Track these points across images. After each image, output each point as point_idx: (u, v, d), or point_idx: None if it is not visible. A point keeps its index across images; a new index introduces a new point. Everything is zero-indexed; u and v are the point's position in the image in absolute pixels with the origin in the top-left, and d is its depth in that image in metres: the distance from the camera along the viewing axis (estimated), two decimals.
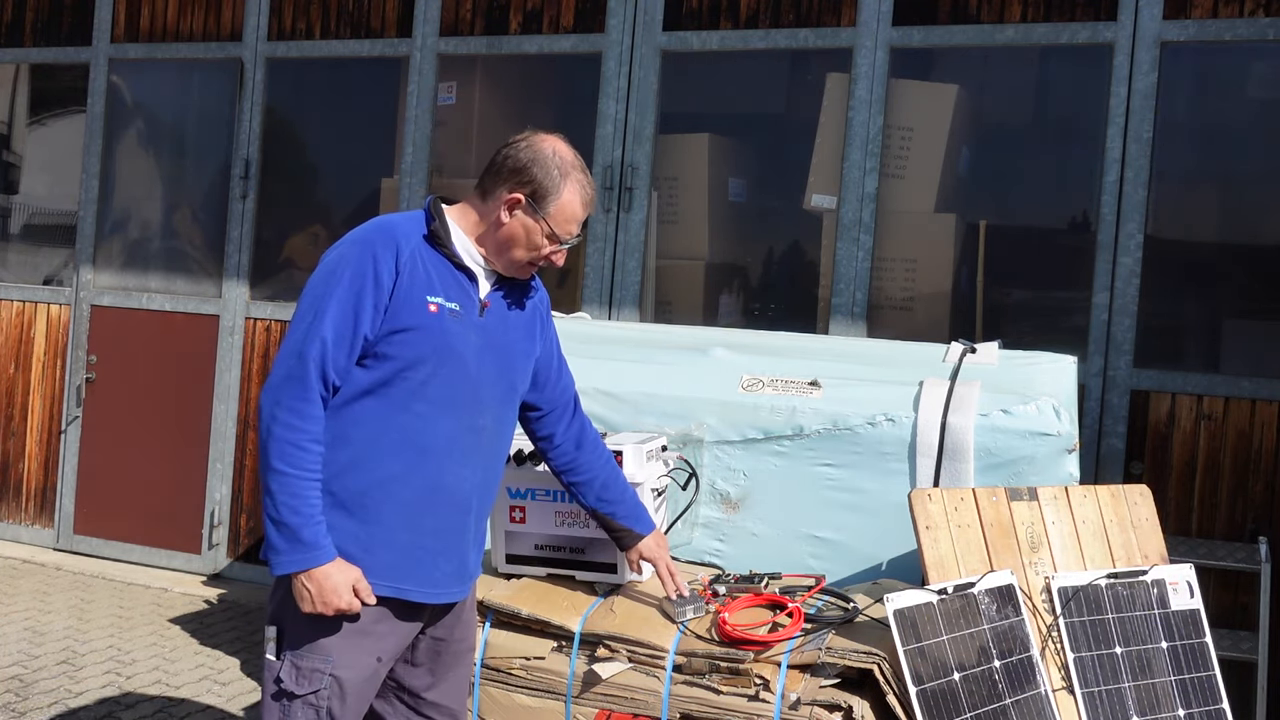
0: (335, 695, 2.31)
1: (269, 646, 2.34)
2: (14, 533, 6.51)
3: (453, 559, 2.43)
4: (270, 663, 2.34)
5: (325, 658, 2.30)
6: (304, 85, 6.14)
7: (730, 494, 3.46)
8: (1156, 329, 4.49)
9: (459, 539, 2.43)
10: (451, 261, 2.39)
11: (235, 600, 5.64)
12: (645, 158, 5.15)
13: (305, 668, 2.30)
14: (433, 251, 2.37)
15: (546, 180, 2.39)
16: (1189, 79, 4.56)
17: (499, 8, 5.49)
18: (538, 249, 2.43)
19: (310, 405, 2.26)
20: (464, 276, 2.41)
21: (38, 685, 4.37)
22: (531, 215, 2.39)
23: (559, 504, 3.18)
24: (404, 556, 2.35)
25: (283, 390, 2.26)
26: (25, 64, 6.72)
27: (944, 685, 2.64)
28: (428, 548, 2.37)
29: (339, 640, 2.31)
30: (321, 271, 2.33)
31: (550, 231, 2.41)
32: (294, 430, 2.24)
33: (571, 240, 2.45)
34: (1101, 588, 2.95)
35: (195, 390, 6.07)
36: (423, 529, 2.36)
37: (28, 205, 6.90)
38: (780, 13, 4.98)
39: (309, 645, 2.30)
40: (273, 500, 2.24)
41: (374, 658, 2.36)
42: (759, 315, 5.26)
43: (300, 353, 2.26)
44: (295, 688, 2.29)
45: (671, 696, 2.80)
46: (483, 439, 2.43)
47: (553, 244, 2.43)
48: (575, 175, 2.42)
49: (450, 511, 2.39)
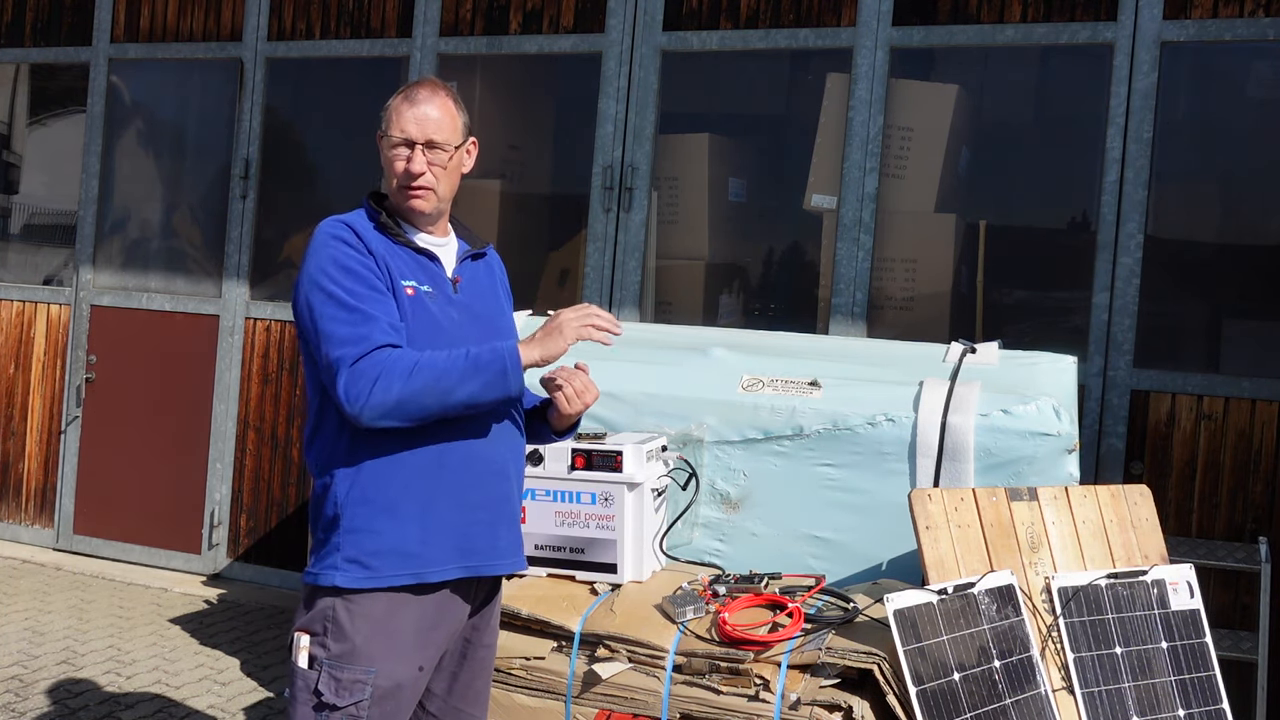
0: (377, 705, 2.25)
1: (300, 655, 2.27)
2: (14, 533, 6.51)
3: (510, 528, 2.41)
4: (302, 672, 2.27)
5: (367, 668, 2.24)
6: (304, 85, 6.14)
7: (730, 494, 3.45)
8: (1156, 329, 4.49)
9: (509, 507, 2.41)
10: (410, 247, 2.37)
11: (235, 600, 5.64)
12: (645, 158, 5.15)
13: (346, 679, 2.24)
14: (389, 242, 2.35)
15: (391, 99, 2.41)
16: (1189, 79, 4.55)
17: (499, 8, 5.49)
18: (391, 166, 2.37)
19: (389, 353, 2.20)
20: (425, 259, 2.39)
21: (38, 685, 4.37)
22: (382, 136, 2.39)
23: (559, 504, 3.18)
24: (463, 537, 2.31)
25: (362, 371, 2.18)
26: (25, 64, 6.72)
27: (944, 685, 2.64)
28: (483, 520, 2.34)
29: (382, 649, 2.25)
30: (309, 281, 2.27)
31: (386, 136, 2.37)
32: (402, 370, 2.18)
33: (401, 137, 2.34)
34: (1101, 588, 2.95)
35: (195, 390, 6.07)
36: (473, 503, 2.33)
37: (28, 205, 6.90)
38: (780, 13, 4.98)
39: (350, 656, 2.24)
40: (471, 379, 2.20)
41: (416, 666, 2.31)
42: (759, 315, 5.26)
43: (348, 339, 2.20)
44: (336, 699, 2.23)
45: (671, 696, 2.79)
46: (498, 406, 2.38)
47: (394, 152, 2.35)
48: (409, 87, 2.39)
49: (493, 481, 2.37)
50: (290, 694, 2.31)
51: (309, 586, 2.31)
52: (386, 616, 2.26)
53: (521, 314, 3.92)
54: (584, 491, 3.17)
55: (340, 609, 2.25)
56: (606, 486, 3.14)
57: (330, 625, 2.25)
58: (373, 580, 2.24)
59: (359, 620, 2.25)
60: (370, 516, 2.26)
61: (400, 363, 2.19)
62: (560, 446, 3.17)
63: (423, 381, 2.18)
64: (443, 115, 2.37)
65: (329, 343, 2.21)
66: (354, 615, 2.25)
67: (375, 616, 2.26)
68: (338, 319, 2.22)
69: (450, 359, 2.22)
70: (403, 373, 2.18)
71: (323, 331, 2.23)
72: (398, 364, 2.18)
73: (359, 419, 2.18)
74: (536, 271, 5.61)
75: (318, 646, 2.26)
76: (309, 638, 2.28)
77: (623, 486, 3.12)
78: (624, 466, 3.11)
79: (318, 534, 2.33)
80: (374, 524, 2.26)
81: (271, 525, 5.94)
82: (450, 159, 2.39)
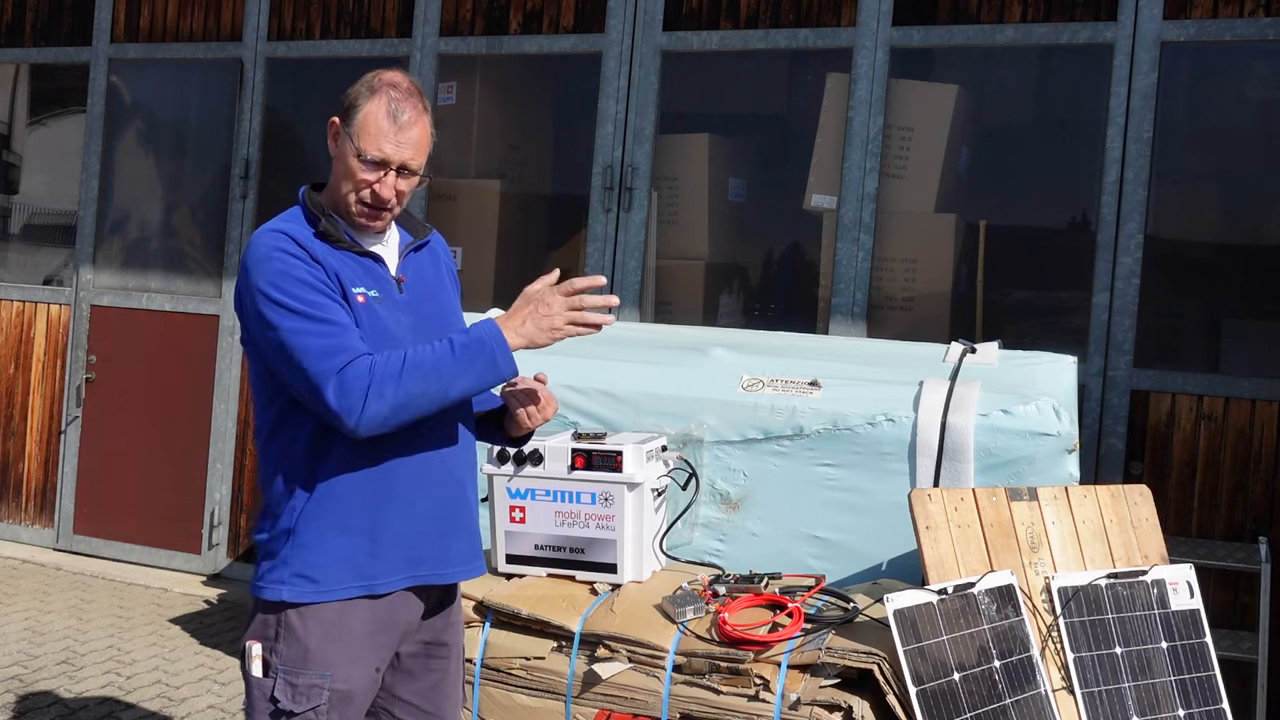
0: (335, 709, 2.24)
1: (253, 664, 2.24)
2: (14, 533, 6.51)
3: (462, 535, 2.37)
4: (258, 681, 2.24)
5: (322, 673, 2.22)
6: (304, 85, 6.14)
7: (730, 494, 3.45)
8: (1156, 329, 4.49)
9: (463, 514, 2.38)
10: (353, 251, 2.27)
11: (235, 600, 5.64)
12: (645, 158, 5.15)
13: (302, 684, 2.21)
14: (331, 249, 2.23)
15: (357, 95, 2.23)
16: (1189, 79, 4.56)
17: (499, 8, 5.49)
18: (353, 178, 2.22)
19: (372, 360, 2.13)
20: (370, 262, 2.30)
21: (38, 685, 4.37)
22: (345, 136, 2.23)
23: (559, 504, 3.18)
24: (412, 545, 2.28)
25: (351, 383, 2.11)
26: (25, 64, 6.72)
27: (944, 685, 2.64)
28: (432, 530, 2.31)
29: (336, 653, 2.24)
30: (259, 296, 2.16)
31: (356, 151, 2.20)
32: (391, 374, 2.11)
33: (377, 157, 2.19)
34: (1101, 588, 2.95)
35: (195, 390, 6.07)
36: (422, 513, 2.29)
37: (28, 205, 6.90)
38: (780, 13, 4.98)
39: (304, 661, 2.22)
40: (463, 371, 2.14)
41: (372, 668, 2.30)
42: (759, 315, 5.26)
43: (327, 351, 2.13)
44: (294, 705, 2.21)
45: (671, 696, 2.79)
46: (447, 410, 2.29)
47: (363, 168, 2.20)
48: (389, 92, 2.22)
49: (444, 489, 2.33)
50: (247, 705, 2.28)
51: (256, 598, 2.27)
52: (338, 620, 2.24)
53: None
54: (584, 491, 3.16)
55: (292, 615, 2.22)
56: (606, 486, 3.14)
57: (282, 631, 2.22)
58: (320, 594, 2.21)
59: (311, 624, 2.22)
60: (321, 531, 2.22)
61: (388, 368, 2.12)
62: (561, 446, 3.17)
63: (415, 383, 2.13)
64: (422, 138, 2.26)
65: (304, 356, 2.12)
66: (305, 620, 2.22)
67: (327, 621, 2.23)
68: (307, 331, 2.13)
69: (437, 355, 2.15)
70: (392, 377, 2.12)
71: (292, 345, 2.14)
72: (386, 370, 2.12)
73: (356, 431, 2.12)
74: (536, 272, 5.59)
75: (271, 654, 2.23)
76: (260, 645, 2.24)
77: (623, 486, 3.12)
78: (624, 466, 3.11)
79: (267, 543, 2.28)
80: (324, 538, 2.22)
81: None
82: (417, 182, 2.31)
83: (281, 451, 2.26)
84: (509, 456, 3.21)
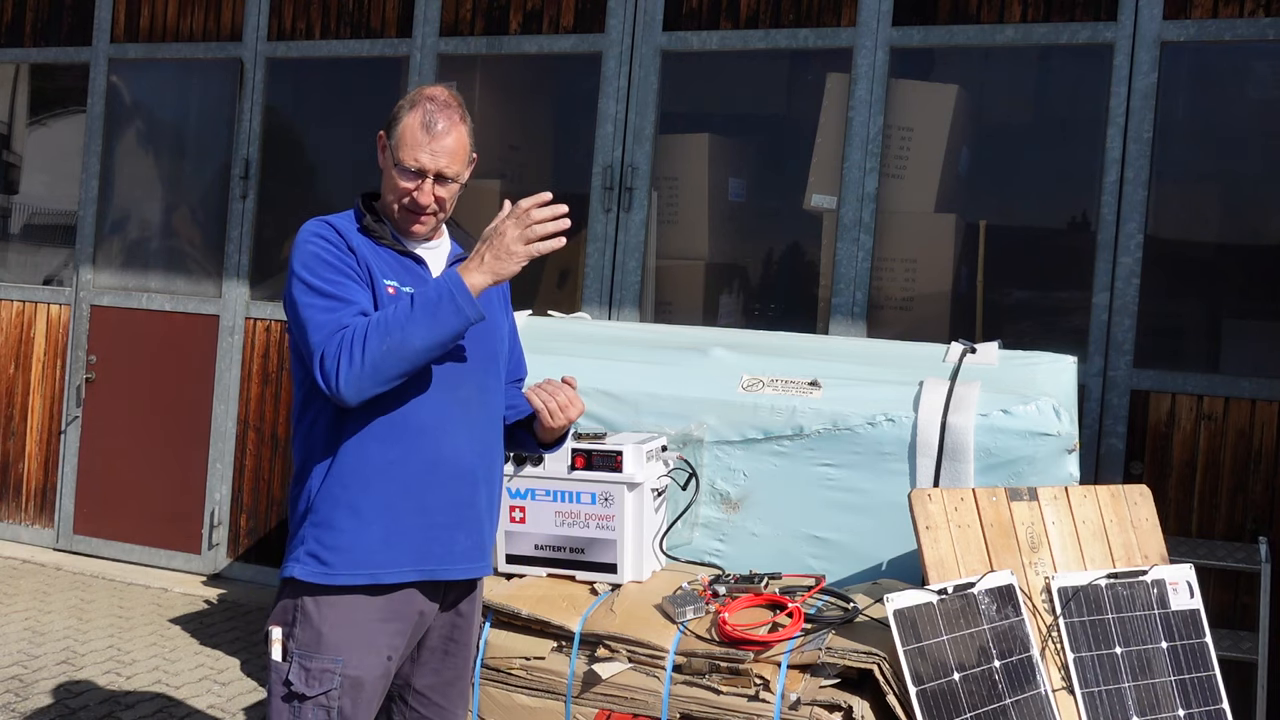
0: (347, 695, 2.29)
1: (274, 648, 2.32)
2: (14, 533, 6.51)
3: (471, 533, 2.40)
4: (276, 664, 2.32)
5: (335, 658, 2.28)
6: (304, 85, 6.13)
7: (730, 494, 3.46)
8: (1156, 329, 4.49)
9: (472, 512, 2.41)
10: (393, 249, 2.38)
11: (235, 600, 5.64)
12: (645, 158, 5.15)
13: (315, 669, 2.28)
14: (372, 244, 2.37)
15: (399, 109, 2.36)
16: (1189, 79, 4.55)
17: (499, 8, 5.49)
18: (395, 187, 2.35)
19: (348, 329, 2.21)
20: (411, 262, 2.40)
21: (38, 685, 4.37)
22: (388, 148, 2.36)
23: (559, 504, 3.19)
24: (420, 539, 2.33)
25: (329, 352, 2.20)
26: (25, 64, 6.72)
27: (944, 685, 2.64)
28: (441, 524, 2.35)
29: (349, 639, 2.29)
30: (292, 276, 2.30)
31: (396, 161, 2.34)
32: (358, 337, 2.19)
33: (414, 167, 2.31)
34: (1101, 588, 2.95)
35: (195, 390, 6.07)
36: (432, 507, 2.34)
37: (28, 205, 6.90)
38: (780, 13, 4.98)
39: (318, 645, 2.29)
40: (421, 320, 2.18)
41: (384, 656, 2.35)
42: (759, 315, 5.26)
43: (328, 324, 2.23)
44: (306, 689, 2.28)
45: (671, 696, 2.80)
46: (470, 409, 2.39)
47: (403, 177, 2.33)
48: (426, 105, 2.34)
49: (457, 485, 2.37)
50: (268, 689, 2.36)
51: (280, 581, 2.37)
52: (351, 608, 2.30)
53: (522, 314, 3.91)
54: (584, 491, 3.17)
55: (308, 601, 2.30)
56: (606, 486, 3.14)
57: (299, 616, 2.30)
58: (328, 577, 2.28)
59: (325, 609, 2.29)
60: (332, 511, 2.30)
61: (355, 333, 2.20)
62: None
63: (378, 340, 2.18)
64: (457, 147, 2.36)
65: (310, 330, 2.24)
66: (320, 605, 2.30)
67: (341, 607, 2.30)
68: (315, 306, 2.25)
69: (398, 310, 2.20)
70: (359, 340, 2.19)
71: (304, 319, 2.26)
72: (355, 334, 2.20)
73: (340, 397, 2.20)
74: (536, 272, 5.61)
75: (289, 638, 2.31)
76: (280, 629, 2.32)
77: (623, 486, 3.12)
78: (624, 466, 3.11)
79: (291, 525, 2.39)
80: (337, 520, 2.30)
81: (271, 525, 5.94)
82: (457, 189, 2.40)
83: (306, 434, 2.36)
84: (509, 457, 3.21)
